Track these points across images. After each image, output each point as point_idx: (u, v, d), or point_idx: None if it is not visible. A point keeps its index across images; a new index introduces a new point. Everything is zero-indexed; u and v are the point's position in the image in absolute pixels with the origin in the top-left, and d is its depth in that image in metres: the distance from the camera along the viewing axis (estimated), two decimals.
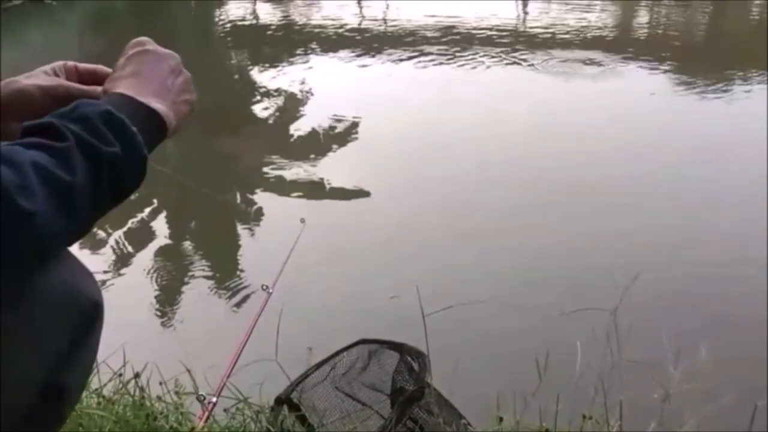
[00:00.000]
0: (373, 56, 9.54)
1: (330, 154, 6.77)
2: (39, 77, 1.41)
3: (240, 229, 5.53)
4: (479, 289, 4.12)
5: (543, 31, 10.39)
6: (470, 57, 9.27)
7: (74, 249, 1.29)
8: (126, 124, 1.18)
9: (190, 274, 4.78)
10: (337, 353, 2.82)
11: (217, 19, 12.61)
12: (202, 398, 2.38)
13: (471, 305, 3.67)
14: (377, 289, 4.20)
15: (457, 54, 9.41)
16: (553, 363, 2.89)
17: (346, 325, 3.77)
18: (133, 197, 1.19)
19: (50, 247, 1.12)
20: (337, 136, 7.17)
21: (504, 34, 10.26)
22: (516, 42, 9.97)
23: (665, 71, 8.56)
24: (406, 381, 2.59)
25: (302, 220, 3.94)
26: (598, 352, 3.33)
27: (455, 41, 9.99)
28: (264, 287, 3.06)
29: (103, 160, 1.13)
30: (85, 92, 1.41)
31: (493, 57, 9.22)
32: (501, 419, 2.46)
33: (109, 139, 1.15)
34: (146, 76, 1.33)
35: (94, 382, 2.65)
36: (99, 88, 1.37)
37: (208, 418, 2.38)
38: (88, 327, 1.27)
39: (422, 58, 9.34)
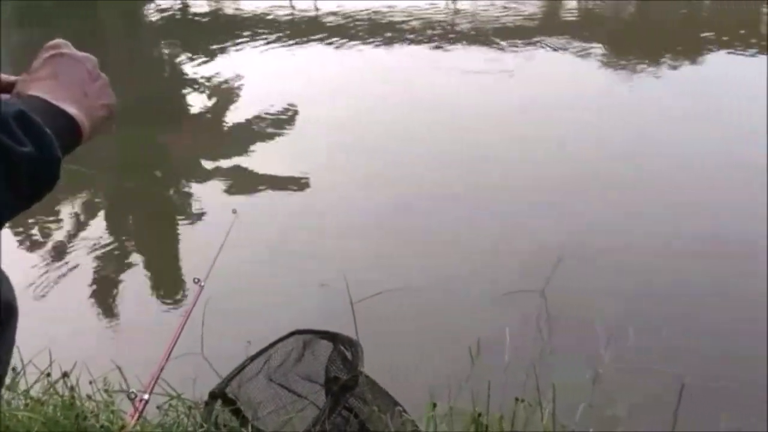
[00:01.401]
0: (306, 44, 9.49)
1: (264, 143, 6.72)
2: None
3: (174, 222, 5.45)
4: (415, 276, 4.12)
5: (474, 18, 10.46)
6: (402, 44, 9.28)
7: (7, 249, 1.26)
8: (40, 126, 1.16)
9: (123, 269, 4.70)
10: (272, 345, 2.79)
11: (145, 11, 12.37)
12: (133, 396, 2.34)
13: (405, 293, 3.71)
14: (312, 278, 4.17)
15: (389, 41, 9.42)
16: (488, 347, 2.93)
17: (283, 316, 3.74)
18: (65, 194, 1.17)
19: None
20: (271, 125, 7.11)
21: (435, 19, 10.30)
22: (448, 29, 10.01)
23: (595, 56, 8.68)
24: (340, 370, 2.59)
25: (234, 211, 3.91)
26: (532, 336, 3.40)
27: (386, 28, 9.99)
28: (196, 280, 3.03)
29: (17, 160, 1.11)
30: (9, 82, 1.38)
31: (425, 44, 9.24)
32: (434, 405, 2.48)
33: (22, 140, 1.12)
34: (62, 79, 1.30)
35: (21, 384, 2.60)
36: (21, 78, 1.34)
37: (140, 415, 2.35)
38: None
39: (354, 46, 9.32)
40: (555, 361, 3.09)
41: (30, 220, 5.23)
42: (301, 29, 10.23)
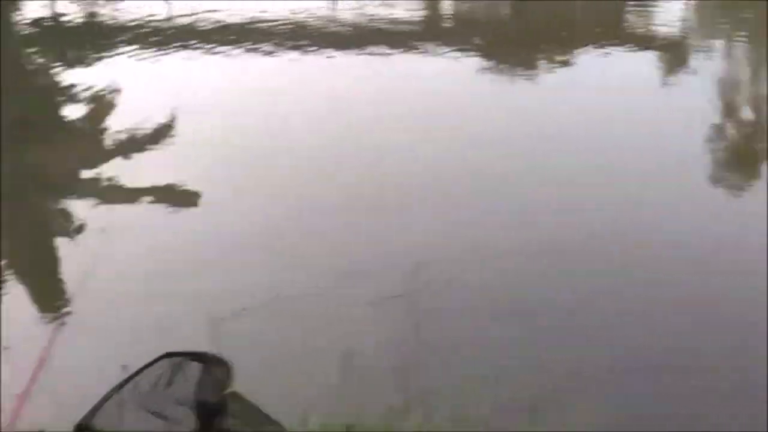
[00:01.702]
0: (184, 51, 9.29)
1: (142, 156, 6.52)
2: None
3: (47, 241, 5.25)
4: (285, 288, 4.04)
5: (352, 22, 10.49)
6: (283, 49, 9.22)
7: None
8: None
9: None
10: (140, 370, 2.73)
11: (14, 17, 11.88)
12: None
13: (276, 305, 3.68)
14: (186, 296, 4.04)
15: (270, 46, 9.34)
16: (360, 355, 2.95)
17: (158, 338, 3.62)
18: None
19: None
20: (149, 138, 6.92)
21: (314, 25, 10.28)
22: (328, 34, 10.00)
23: (475, 57, 8.82)
24: (211, 391, 2.57)
25: (103, 230, 3.82)
26: (403, 341, 3.44)
27: (267, 33, 9.90)
28: (62, 305, 2.96)
29: None
30: None
31: (303, 49, 9.21)
32: (306, 420, 2.49)
33: None
34: None
35: None
36: None
37: None
38: None
39: (233, 52, 9.19)
40: (425, 365, 3.13)
41: None
42: (178, 36, 10.02)
